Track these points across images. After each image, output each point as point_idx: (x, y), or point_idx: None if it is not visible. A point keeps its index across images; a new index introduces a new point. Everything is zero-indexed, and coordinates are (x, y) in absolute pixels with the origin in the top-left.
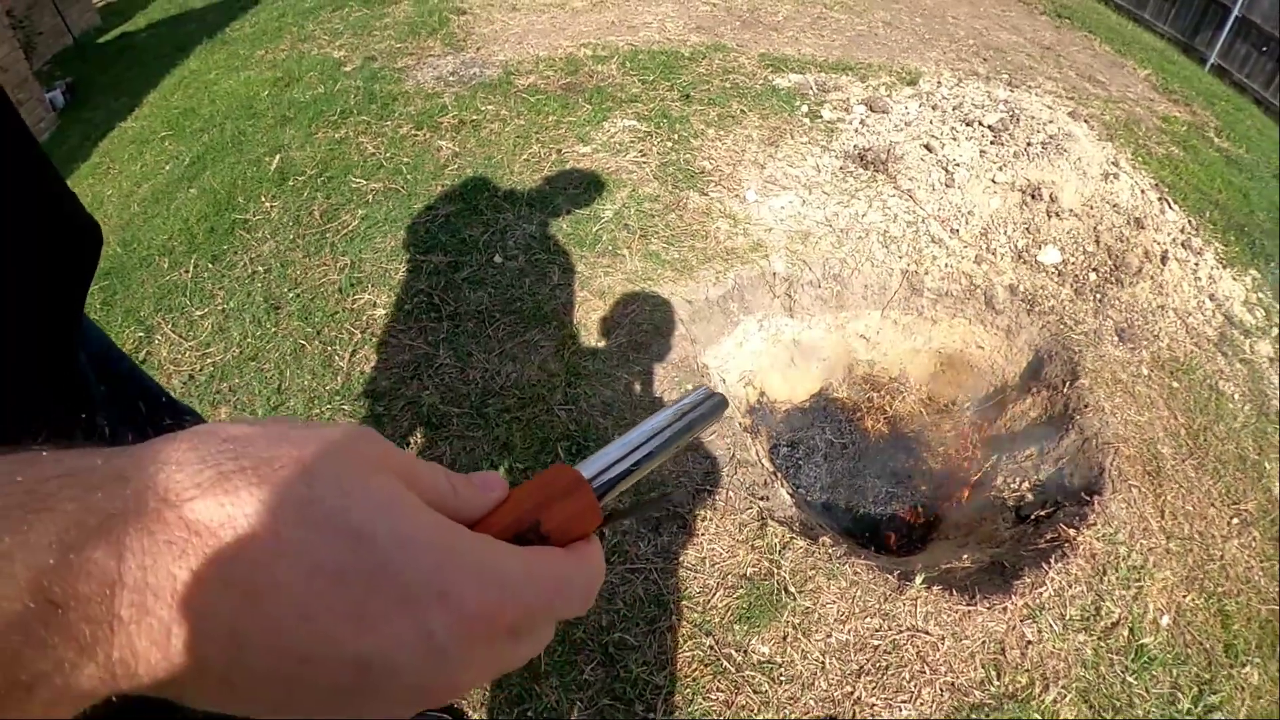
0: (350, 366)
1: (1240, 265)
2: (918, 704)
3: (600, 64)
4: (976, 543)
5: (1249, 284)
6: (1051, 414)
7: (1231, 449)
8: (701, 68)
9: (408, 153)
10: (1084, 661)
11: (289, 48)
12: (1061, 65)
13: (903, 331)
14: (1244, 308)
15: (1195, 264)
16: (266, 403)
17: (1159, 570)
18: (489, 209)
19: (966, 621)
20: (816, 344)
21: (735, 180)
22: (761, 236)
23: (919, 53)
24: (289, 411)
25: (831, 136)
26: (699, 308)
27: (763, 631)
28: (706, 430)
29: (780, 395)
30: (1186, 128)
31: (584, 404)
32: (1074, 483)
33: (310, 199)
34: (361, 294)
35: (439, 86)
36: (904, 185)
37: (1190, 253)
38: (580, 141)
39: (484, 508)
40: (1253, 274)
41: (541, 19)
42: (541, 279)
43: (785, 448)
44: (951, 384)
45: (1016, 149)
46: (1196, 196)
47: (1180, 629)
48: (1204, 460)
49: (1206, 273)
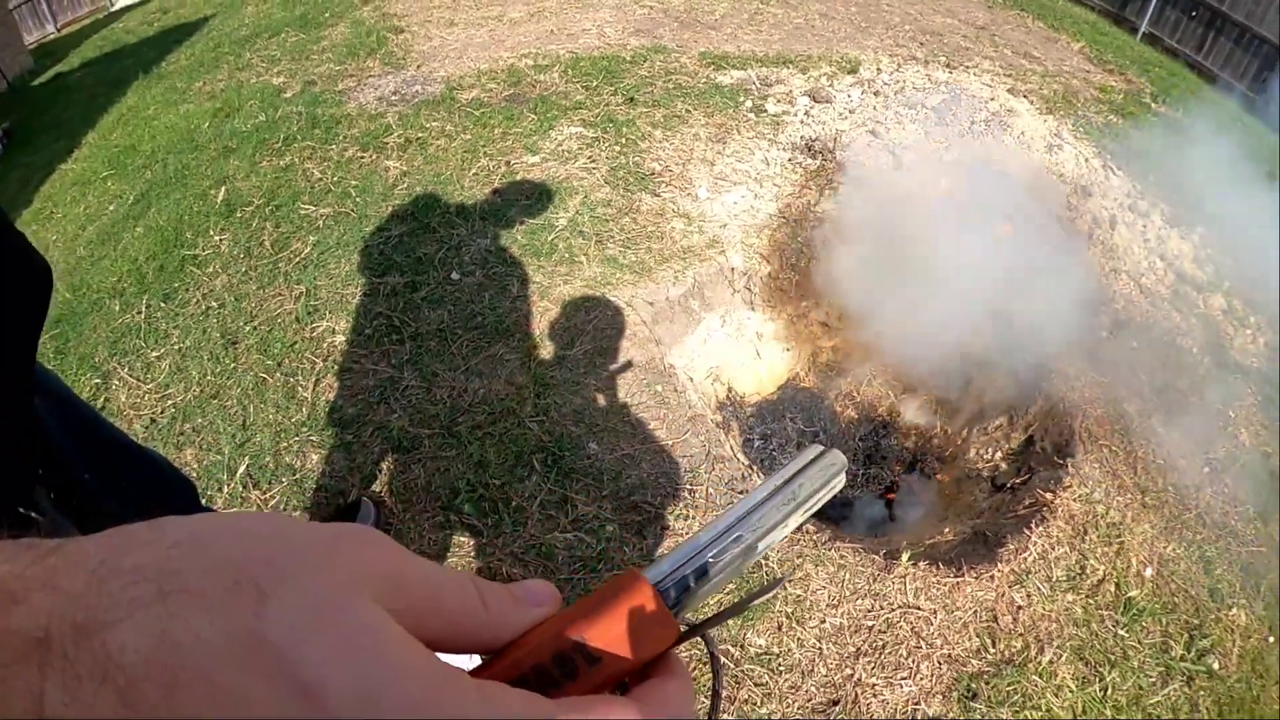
0: (314, 396)
1: (1186, 224)
2: (917, 679)
3: (542, 73)
4: (956, 515)
5: (1196, 241)
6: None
7: (1195, 401)
8: (644, 70)
9: (355, 175)
10: (1075, 620)
11: (227, 77)
12: (997, 44)
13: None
14: (1194, 264)
15: (1143, 226)
16: (232, 439)
17: (1137, 524)
18: (442, 226)
19: (956, 593)
20: (780, 335)
21: (686, 179)
22: (717, 233)
23: (856, 41)
24: (255, 448)
25: (778, 129)
26: (660, 308)
27: (757, 624)
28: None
29: (748, 389)
30: (1123, 96)
31: (555, 414)
32: (1046, 448)
33: (260, 229)
34: (320, 322)
35: (382, 107)
36: (853, 172)
37: (1137, 215)
38: (528, 152)
39: (523, 627)
40: (1200, 231)
41: (480, 32)
42: (501, 292)
43: (758, 440)
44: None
45: (960, 128)
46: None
47: (1164, 579)
48: (1170, 414)
49: (1155, 233)
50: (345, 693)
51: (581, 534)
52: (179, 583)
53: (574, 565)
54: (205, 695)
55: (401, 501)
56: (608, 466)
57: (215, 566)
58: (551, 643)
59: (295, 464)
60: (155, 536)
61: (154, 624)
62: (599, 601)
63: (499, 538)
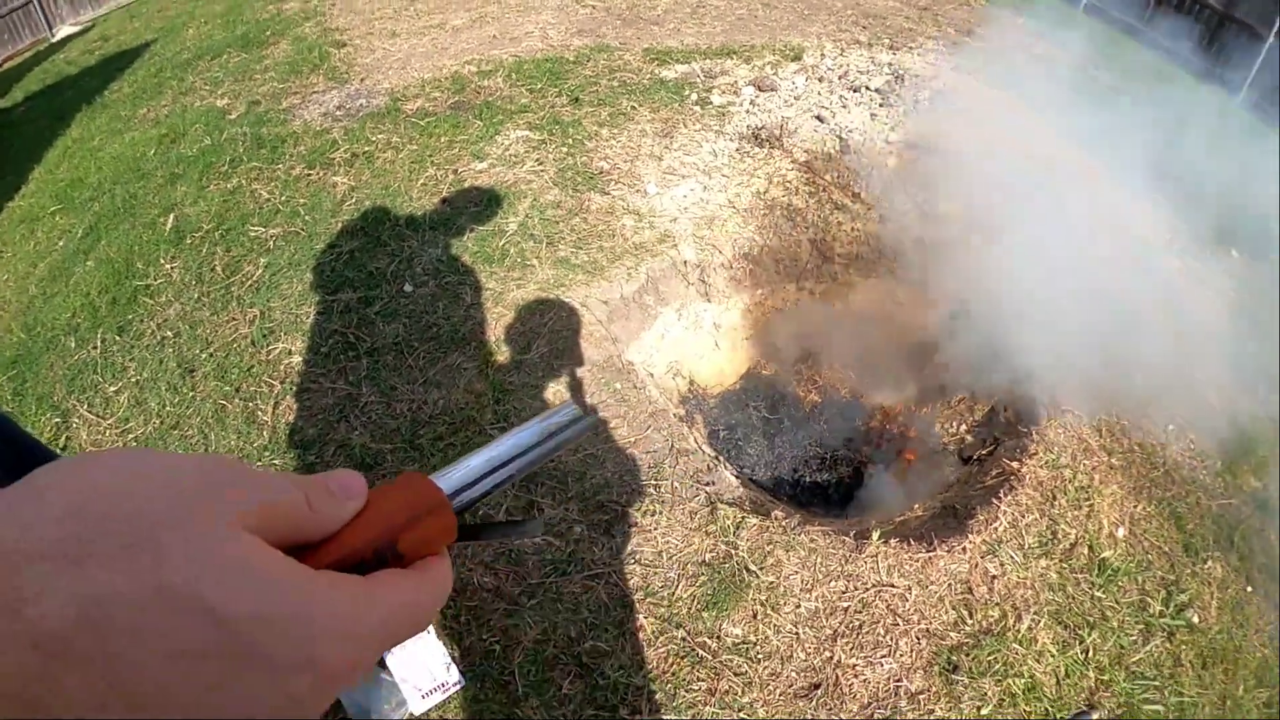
0: (275, 419)
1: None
2: (897, 656)
3: (486, 79)
4: (925, 490)
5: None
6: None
7: (1156, 361)
8: (588, 70)
9: (303, 193)
10: (1050, 585)
11: (171, 103)
12: (940, 24)
13: (820, 299)
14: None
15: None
16: None
17: (1106, 486)
18: (392, 239)
19: (929, 568)
20: (737, 324)
21: (635, 176)
22: (668, 227)
23: (799, 29)
24: None
25: (724, 120)
26: (615, 306)
27: (732, 614)
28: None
29: (710, 381)
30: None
31: (515, 420)
32: (1010, 417)
33: (210, 254)
34: (275, 343)
35: (327, 122)
36: (801, 158)
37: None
38: (475, 158)
39: (344, 518)
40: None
41: (422, 41)
42: (454, 301)
43: (724, 431)
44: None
45: (906, 108)
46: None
47: (1137, 538)
48: (1132, 376)
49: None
50: (243, 612)
51: (550, 538)
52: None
53: (545, 569)
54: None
55: None
56: (572, 468)
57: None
58: (373, 542)
59: None
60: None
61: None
62: (406, 505)
63: (469, 548)
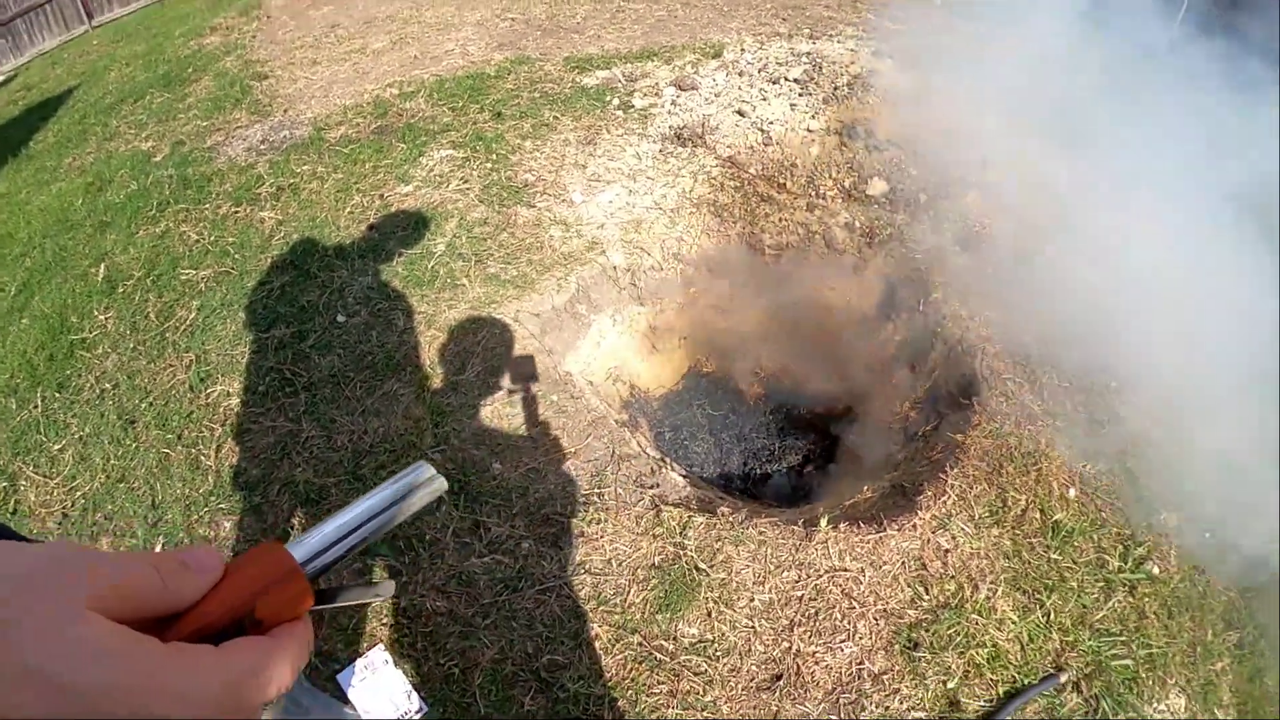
0: (218, 463)
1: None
2: (857, 639)
3: (408, 100)
4: (873, 471)
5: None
6: (915, 333)
7: (1096, 319)
8: (509, 83)
9: (231, 231)
10: (1005, 553)
11: (96, 149)
12: (860, 9)
13: (754, 292)
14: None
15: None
16: (144, 521)
17: (1053, 450)
18: (322, 270)
19: (881, 548)
20: (673, 325)
21: (560, 186)
22: (595, 234)
23: (720, 26)
24: (168, 525)
25: (646, 122)
26: (548, 318)
27: (686, 614)
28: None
29: (651, 383)
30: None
31: (455, 441)
32: (952, 391)
33: (143, 301)
34: (213, 387)
35: (251, 157)
36: (724, 153)
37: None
38: (400, 182)
39: (199, 591)
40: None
41: (344, 68)
42: (388, 328)
43: (669, 432)
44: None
45: (825, 95)
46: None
47: (1089, 497)
48: (1069, 337)
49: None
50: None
51: (499, 555)
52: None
53: (496, 588)
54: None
55: None
56: (514, 484)
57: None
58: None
59: (209, 535)
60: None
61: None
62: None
63: (419, 573)
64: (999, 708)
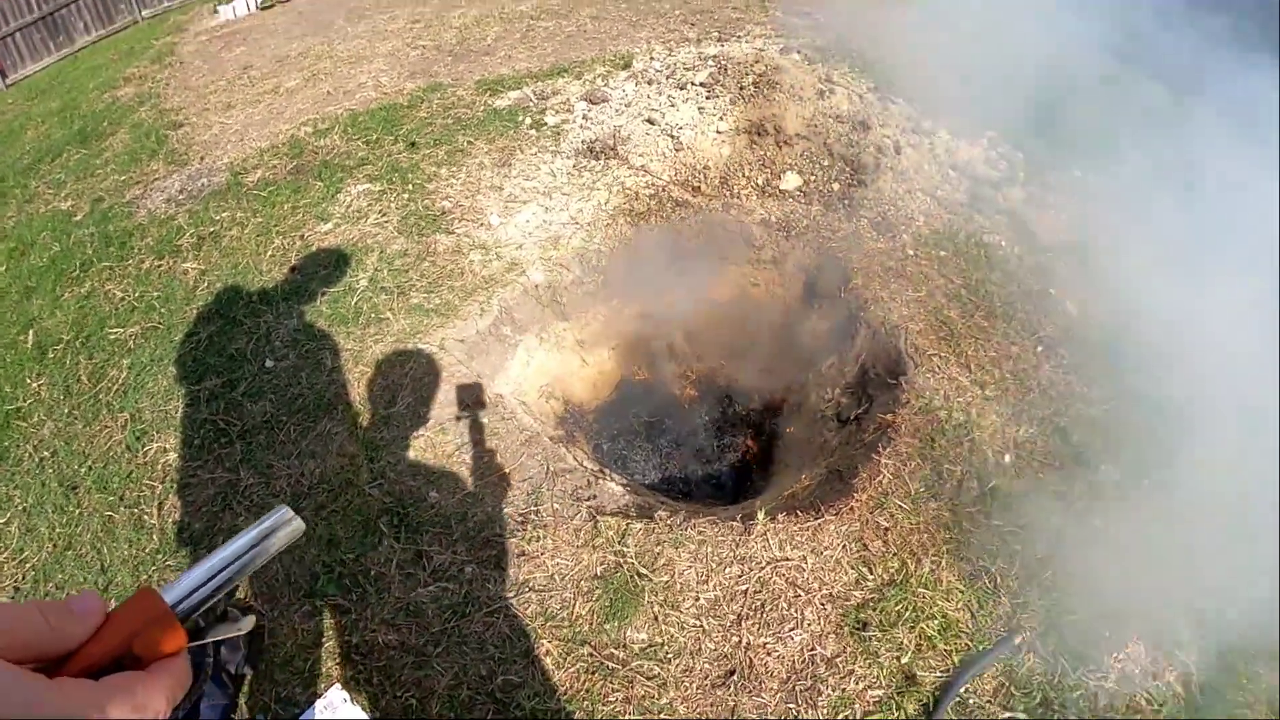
0: (162, 521)
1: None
2: (805, 626)
3: (323, 138)
4: (810, 460)
5: (985, 144)
6: (839, 320)
7: (1015, 288)
8: (422, 112)
9: (156, 286)
10: (945, 525)
11: (16, 212)
12: (768, 8)
13: (678, 296)
14: (987, 166)
15: (930, 144)
16: (95, 587)
17: (984, 418)
18: (248, 317)
19: (821, 534)
20: (600, 337)
21: (477, 210)
22: (515, 255)
23: (629, 36)
24: (119, 589)
25: (559, 139)
26: (474, 343)
27: (633, 620)
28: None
29: (585, 397)
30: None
31: (391, 474)
32: (880, 373)
33: (74, 365)
34: (150, 444)
35: (171, 209)
36: (637, 163)
37: (922, 136)
38: (319, 220)
39: (84, 634)
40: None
41: (258, 109)
42: (316, 369)
43: (607, 444)
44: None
45: (731, 96)
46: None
47: (1025, 460)
48: (992, 307)
49: (943, 148)
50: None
51: (444, 583)
52: None
53: (444, 615)
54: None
55: (267, 601)
56: (453, 511)
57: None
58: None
59: None
60: None
61: None
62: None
63: (367, 609)
64: (956, 676)
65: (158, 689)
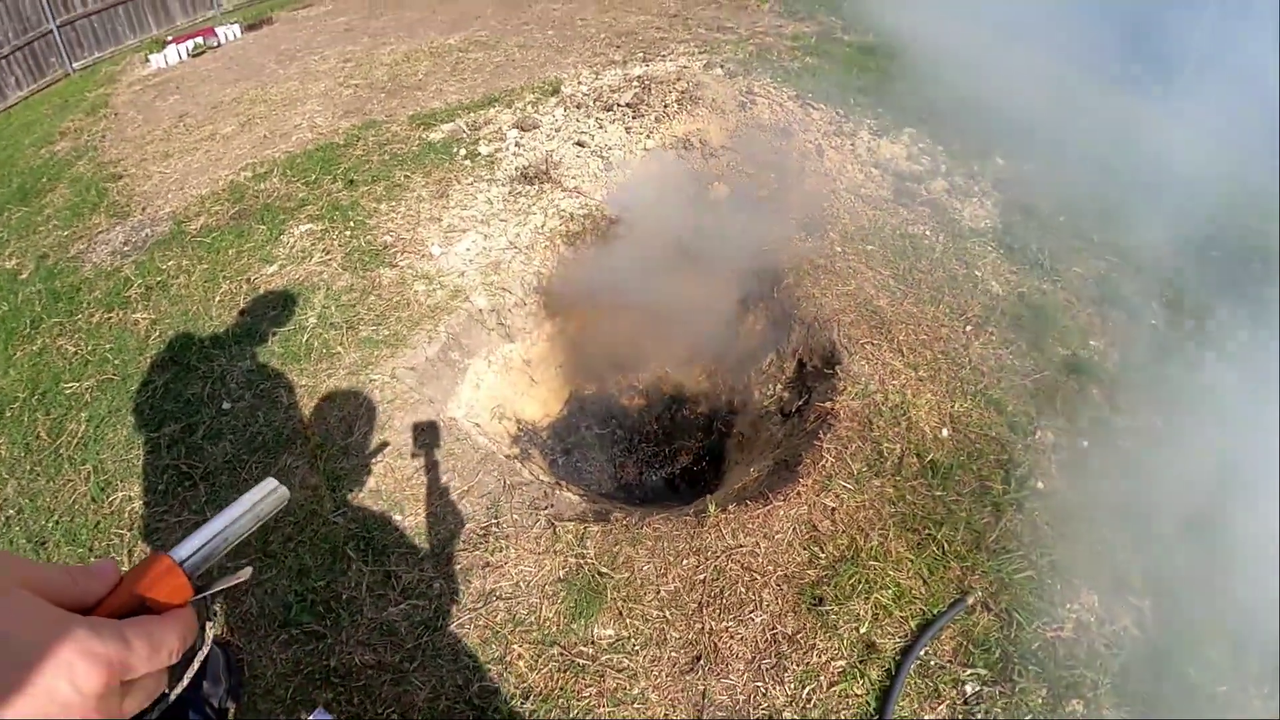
0: None
1: (893, 132)
2: (764, 607)
3: (262, 181)
4: (759, 454)
5: (907, 141)
6: (774, 319)
7: (941, 274)
8: (358, 150)
9: (107, 338)
10: (889, 500)
11: None
12: (690, 26)
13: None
14: (909, 162)
15: (851, 145)
16: None
17: (919, 397)
18: (202, 362)
19: (771, 520)
20: (546, 355)
21: (419, 242)
22: (457, 283)
23: (556, 63)
24: None
25: (493, 168)
26: (424, 370)
27: (599, 618)
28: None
29: (536, 415)
30: (815, 38)
31: (354, 502)
32: (817, 365)
33: (32, 422)
34: (115, 494)
35: (117, 260)
36: (570, 185)
37: (844, 138)
38: (265, 263)
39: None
40: (908, 131)
41: (196, 156)
42: (273, 407)
43: (562, 458)
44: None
45: (656, 114)
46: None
47: (962, 433)
48: (920, 294)
49: (865, 147)
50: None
51: (414, 600)
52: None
53: (417, 631)
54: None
55: (244, 635)
56: (417, 531)
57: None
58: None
59: None
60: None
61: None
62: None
63: (341, 632)
64: (914, 640)
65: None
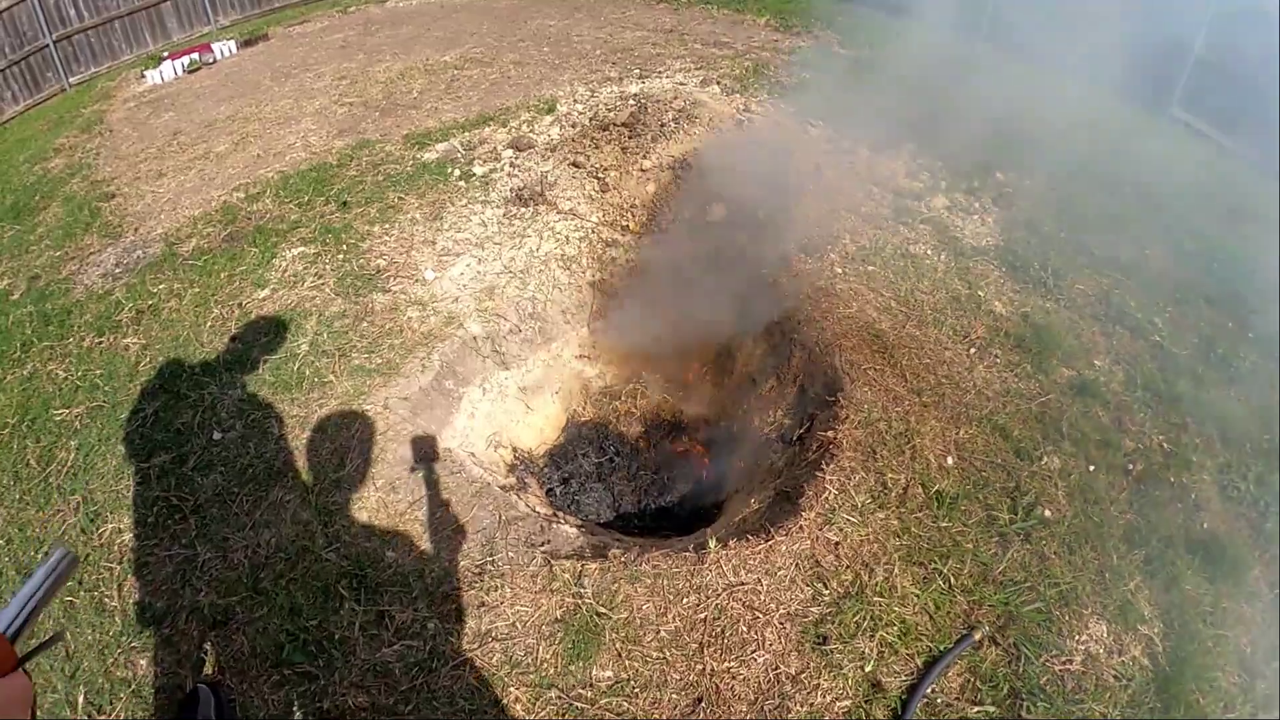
0: (122, 602)
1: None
2: (767, 646)
3: (255, 202)
4: (759, 483)
5: (906, 158)
6: (774, 343)
7: (943, 295)
8: (352, 170)
9: (98, 363)
10: (894, 532)
11: None
12: (687, 42)
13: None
14: (908, 178)
15: (850, 163)
16: (62, 673)
17: (923, 425)
18: (192, 390)
19: (773, 555)
20: (542, 382)
21: (412, 266)
22: (451, 309)
23: (552, 80)
24: (86, 674)
25: (488, 189)
26: (418, 399)
27: (597, 659)
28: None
29: (533, 443)
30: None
31: (347, 537)
32: (818, 391)
33: (22, 449)
34: (104, 525)
35: (108, 283)
36: (565, 206)
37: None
38: (257, 287)
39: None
40: (907, 147)
41: (189, 176)
42: (264, 438)
43: (559, 487)
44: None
45: (653, 134)
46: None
47: (967, 461)
48: (923, 316)
49: (864, 165)
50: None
51: (408, 641)
52: None
53: (411, 673)
54: None
55: (236, 675)
56: (410, 568)
57: None
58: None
59: (127, 676)
60: None
61: None
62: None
63: (334, 673)
64: (920, 678)
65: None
